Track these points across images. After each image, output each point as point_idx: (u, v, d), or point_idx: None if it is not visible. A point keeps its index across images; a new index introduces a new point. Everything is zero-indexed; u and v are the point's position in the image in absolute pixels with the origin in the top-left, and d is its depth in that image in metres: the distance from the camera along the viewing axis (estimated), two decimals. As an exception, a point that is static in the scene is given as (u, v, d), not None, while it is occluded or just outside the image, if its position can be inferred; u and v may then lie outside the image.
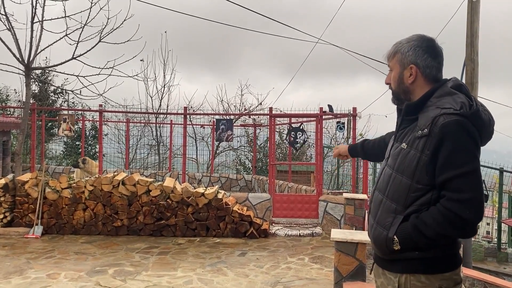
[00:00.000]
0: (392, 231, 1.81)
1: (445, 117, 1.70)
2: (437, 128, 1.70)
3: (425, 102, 1.84)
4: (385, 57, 2.00)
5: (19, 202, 7.78)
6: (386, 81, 2.01)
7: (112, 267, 5.80)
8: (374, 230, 1.92)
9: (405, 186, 1.80)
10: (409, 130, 1.86)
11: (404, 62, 1.89)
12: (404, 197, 1.80)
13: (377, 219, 1.91)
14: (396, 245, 1.79)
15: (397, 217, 1.81)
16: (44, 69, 14.89)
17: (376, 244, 1.92)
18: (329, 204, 8.46)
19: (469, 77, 6.86)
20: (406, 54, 1.88)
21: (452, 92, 1.81)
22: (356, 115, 8.89)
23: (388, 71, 2.00)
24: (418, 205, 1.77)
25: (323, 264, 6.17)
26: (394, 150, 1.92)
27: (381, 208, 1.90)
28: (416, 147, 1.77)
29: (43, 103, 16.02)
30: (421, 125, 1.78)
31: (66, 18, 8.45)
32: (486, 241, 9.47)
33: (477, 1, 6.89)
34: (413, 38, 1.91)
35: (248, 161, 16.48)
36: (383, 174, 1.95)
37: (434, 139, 1.70)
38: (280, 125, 12.68)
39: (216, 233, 7.75)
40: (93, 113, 14.28)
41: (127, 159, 14.73)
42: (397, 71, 1.92)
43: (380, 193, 1.93)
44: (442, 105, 1.76)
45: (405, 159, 1.81)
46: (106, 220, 7.73)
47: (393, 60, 1.94)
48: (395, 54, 1.92)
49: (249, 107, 16.83)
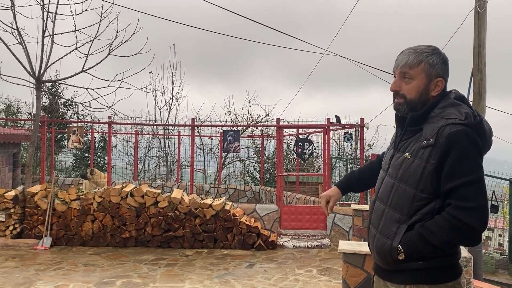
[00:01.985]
0: (397, 241, 1.80)
1: (451, 127, 1.72)
2: (442, 138, 1.72)
3: (429, 112, 1.85)
4: (404, 63, 1.88)
5: (29, 214, 7.84)
6: (394, 88, 1.93)
7: (120, 279, 5.81)
8: (377, 240, 1.91)
9: (409, 195, 1.80)
10: (412, 141, 1.86)
11: (432, 73, 1.86)
12: (408, 206, 1.80)
13: (380, 229, 1.90)
14: (401, 254, 1.78)
15: (401, 227, 1.81)
16: (54, 82, 15.09)
17: (380, 255, 1.90)
18: (337, 215, 8.41)
19: (477, 87, 6.83)
20: (436, 66, 1.86)
21: (456, 103, 1.83)
22: (364, 126, 8.88)
23: (399, 78, 1.92)
24: (422, 214, 1.77)
25: (331, 276, 6.12)
26: (395, 160, 1.91)
27: (383, 218, 1.89)
28: (421, 157, 1.77)
29: (53, 115, 16.20)
30: (426, 135, 1.79)
31: (76, 32, 8.60)
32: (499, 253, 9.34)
33: (484, 11, 6.89)
34: (436, 50, 1.89)
35: (256, 172, 16.48)
36: (383, 184, 1.95)
37: (440, 148, 1.72)
38: (287, 136, 12.70)
39: (224, 245, 7.74)
40: (102, 125, 14.43)
41: (135, 171, 14.81)
42: (422, 82, 1.87)
43: (381, 203, 1.93)
44: (447, 116, 1.78)
45: (409, 168, 1.81)
46: (114, 231, 7.76)
47: (417, 69, 1.86)
48: (420, 63, 1.86)
49: (257, 118, 16.88)
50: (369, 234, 2.02)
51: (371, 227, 1.99)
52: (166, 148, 16.40)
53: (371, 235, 1.99)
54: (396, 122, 2.02)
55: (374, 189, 2.14)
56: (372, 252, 2.01)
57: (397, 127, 2.02)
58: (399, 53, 1.95)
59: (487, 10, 6.94)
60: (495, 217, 9.22)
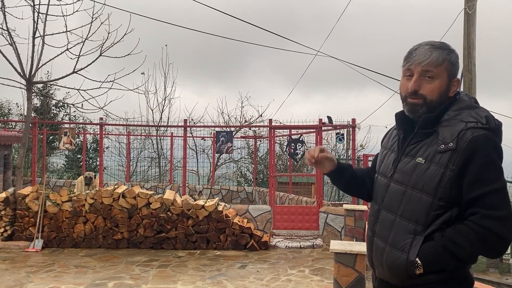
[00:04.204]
0: (413, 254, 1.65)
1: (473, 131, 1.61)
2: (464, 142, 1.60)
3: (442, 115, 1.73)
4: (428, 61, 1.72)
5: (20, 216, 7.78)
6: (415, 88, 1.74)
7: (112, 280, 5.79)
8: (387, 254, 1.74)
9: (425, 204, 1.65)
10: (424, 144, 1.72)
11: (453, 73, 1.76)
12: (425, 216, 1.65)
13: (391, 242, 1.73)
14: (419, 268, 1.64)
15: (417, 238, 1.66)
16: (46, 83, 15.00)
17: (392, 270, 1.72)
18: (329, 215, 8.44)
19: (466, 88, 6.90)
20: (456, 66, 1.77)
21: (473, 106, 1.73)
22: (355, 126, 8.92)
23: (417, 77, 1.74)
24: (440, 224, 1.64)
25: (323, 276, 6.15)
26: (404, 166, 1.75)
27: (394, 229, 1.73)
28: (438, 162, 1.64)
29: (44, 116, 16.10)
30: (444, 139, 1.66)
31: (67, 32, 8.55)
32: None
33: (473, 12, 6.96)
34: (452, 48, 1.78)
35: (249, 173, 16.48)
36: (390, 192, 1.79)
37: (463, 154, 1.60)
38: (280, 136, 12.72)
39: (217, 246, 7.73)
40: (94, 126, 14.36)
41: (128, 172, 14.75)
42: (445, 82, 1.74)
43: (389, 212, 1.76)
44: (465, 119, 1.66)
45: (424, 174, 1.67)
46: (106, 233, 7.72)
47: (441, 68, 1.73)
48: (444, 61, 1.73)
49: (250, 119, 16.89)
50: (373, 247, 1.84)
51: (376, 240, 1.81)
52: (158, 149, 16.36)
53: (376, 248, 1.81)
54: (398, 123, 1.87)
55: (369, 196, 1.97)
56: (377, 267, 1.84)
57: (399, 129, 1.86)
58: (414, 49, 1.78)
59: (476, 11, 7.02)
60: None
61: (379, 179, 1.90)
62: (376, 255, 1.81)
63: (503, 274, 7.77)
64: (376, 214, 1.84)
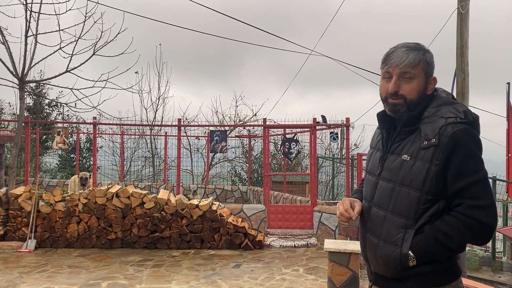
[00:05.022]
0: (406, 247, 1.73)
1: (453, 126, 1.70)
2: (445, 137, 1.68)
3: (422, 112, 1.81)
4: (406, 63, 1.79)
5: (12, 216, 7.73)
6: (395, 89, 1.82)
7: (105, 280, 5.76)
8: (381, 249, 1.81)
9: (414, 199, 1.73)
10: (408, 142, 1.80)
11: (429, 72, 1.84)
12: (414, 210, 1.73)
13: (384, 237, 1.81)
14: (412, 260, 1.72)
15: (408, 232, 1.74)
16: (38, 82, 14.89)
17: (387, 264, 1.79)
18: (323, 214, 8.45)
19: (460, 87, 6.93)
20: (431, 65, 1.84)
21: (451, 101, 1.82)
22: (349, 125, 8.95)
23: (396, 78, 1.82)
24: (428, 217, 1.72)
25: (317, 275, 6.16)
26: (391, 163, 1.83)
27: (385, 224, 1.80)
28: (423, 158, 1.72)
29: (37, 116, 15.99)
30: (426, 136, 1.73)
31: (60, 31, 8.50)
32: (483, 250, 9.48)
33: (466, 12, 6.99)
34: (425, 48, 1.85)
35: (243, 172, 16.48)
36: (379, 189, 1.86)
37: (445, 149, 1.68)
38: (274, 135, 12.72)
39: (211, 245, 7.72)
40: (88, 126, 14.29)
41: (122, 172, 14.69)
42: (422, 81, 1.82)
43: (380, 209, 1.84)
44: (445, 115, 1.75)
45: (411, 170, 1.74)
46: (100, 233, 7.69)
47: (417, 68, 1.80)
48: (420, 62, 1.80)
49: (244, 118, 16.88)
50: (366, 243, 1.91)
51: (368, 236, 1.88)
52: (152, 149, 16.31)
53: (370, 244, 1.88)
54: (380, 123, 1.94)
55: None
56: (371, 262, 1.91)
57: (382, 128, 1.94)
58: (391, 52, 1.85)
59: (469, 11, 7.05)
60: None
61: (368, 177, 1.98)
62: (370, 250, 1.89)
63: (496, 272, 7.83)
64: (367, 211, 1.91)
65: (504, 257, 8.29)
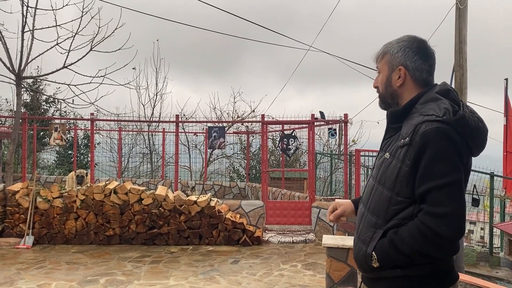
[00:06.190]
0: (371, 247, 1.67)
1: (426, 124, 1.57)
2: (417, 136, 1.58)
3: (410, 109, 1.72)
4: (374, 58, 1.87)
5: (10, 212, 7.71)
6: (374, 85, 1.88)
7: (103, 277, 5.76)
8: (355, 246, 1.80)
9: (385, 199, 1.67)
10: (393, 139, 1.73)
11: (393, 63, 1.78)
12: (385, 210, 1.67)
13: (359, 234, 1.78)
14: (375, 262, 1.65)
15: (377, 232, 1.68)
16: (35, 78, 14.83)
17: (357, 261, 1.78)
18: (322, 210, 8.46)
19: (458, 83, 6.92)
20: (396, 55, 1.77)
21: (437, 98, 1.68)
22: (348, 122, 8.94)
23: (377, 74, 1.88)
24: (400, 219, 1.63)
25: (316, 270, 6.17)
26: (378, 160, 1.80)
27: (362, 222, 1.78)
28: (397, 157, 1.64)
29: (35, 112, 15.93)
30: (403, 134, 1.66)
31: (57, 27, 8.45)
32: (480, 245, 9.52)
33: (465, 7, 6.98)
34: (403, 39, 1.80)
35: (241, 169, 16.47)
36: (367, 186, 1.84)
37: (415, 148, 1.58)
38: (273, 132, 12.71)
39: (209, 241, 7.72)
40: (86, 122, 14.25)
41: (119, 168, 14.67)
42: (385, 73, 1.80)
43: (363, 206, 1.81)
44: (426, 112, 1.63)
45: (387, 169, 1.68)
46: (98, 229, 7.68)
47: (382, 62, 1.82)
48: (384, 55, 1.81)
49: (242, 114, 16.86)
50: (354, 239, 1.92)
51: (355, 232, 1.88)
52: (150, 145, 16.28)
53: (354, 240, 1.88)
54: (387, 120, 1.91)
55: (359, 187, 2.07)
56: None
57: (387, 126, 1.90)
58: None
59: (467, 6, 7.04)
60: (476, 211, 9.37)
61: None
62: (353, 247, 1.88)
63: (493, 267, 7.86)
64: (359, 209, 1.90)
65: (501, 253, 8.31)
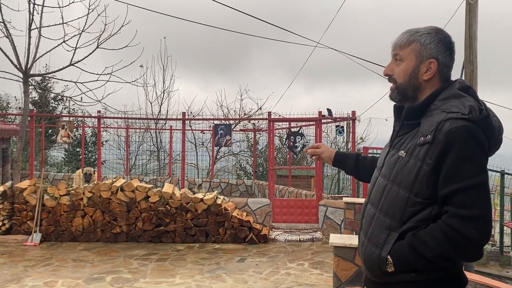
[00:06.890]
0: (386, 250, 1.58)
1: (451, 122, 1.49)
2: (441, 134, 1.49)
3: (429, 105, 1.62)
4: (395, 44, 1.71)
5: (18, 210, 7.74)
6: (387, 72, 1.74)
7: (110, 274, 5.75)
8: (365, 249, 1.69)
9: (402, 199, 1.57)
10: (409, 137, 1.64)
11: (423, 54, 1.65)
12: (401, 212, 1.57)
13: (369, 236, 1.68)
14: (390, 266, 1.57)
15: (391, 234, 1.59)
16: (43, 76, 14.91)
17: (367, 265, 1.68)
18: (329, 208, 8.39)
19: (468, 79, 6.81)
20: (428, 46, 1.64)
21: (460, 95, 1.59)
22: (355, 119, 8.86)
23: (392, 61, 1.74)
24: (416, 221, 1.55)
25: (323, 269, 6.11)
26: (390, 158, 1.69)
27: (373, 223, 1.67)
28: (416, 156, 1.55)
29: (43, 110, 16.02)
30: (423, 131, 1.56)
31: (63, 24, 8.46)
32: (490, 244, 9.40)
33: (475, 3, 6.86)
34: (434, 30, 1.68)
35: (248, 166, 16.43)
36: (376, 185, 1.73)
37: (438, 146, 1.49)
38: (279, 129, 12.65)
39: (216, 239, 7.70)
40: (94, 120, 14.30)
41: (127, 166, 14.71)
42: (412, 63, 1.66)
43: (373, 206, 1.70)
44: (448, 109, 1.54)
45: (404, 168, 1.58)
46: (105, 227, 7.68)
47: (407, 49, 1.67)
48: (411, 43, 1.66)
49: (249, 112, 16.81)
50: (359, 241, 1.80)
51: (361, 234, 1.76)
52: (157, 143, 16.30)
53: (360, 242, 1.77)
54: (394, 115, 1.79)
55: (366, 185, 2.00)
56: (361, 262, 1.79)
57: (395, 121, 1.79)
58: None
59: (478, 2, 6.92)
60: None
61: (374, 172, 1.84)
62: (359, 249, 1.78)
63: (504, 266, 7.75)
64: (364, 208, 1.80)
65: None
